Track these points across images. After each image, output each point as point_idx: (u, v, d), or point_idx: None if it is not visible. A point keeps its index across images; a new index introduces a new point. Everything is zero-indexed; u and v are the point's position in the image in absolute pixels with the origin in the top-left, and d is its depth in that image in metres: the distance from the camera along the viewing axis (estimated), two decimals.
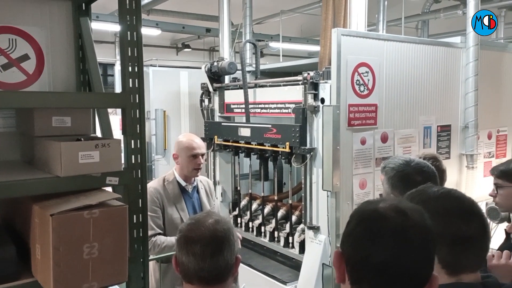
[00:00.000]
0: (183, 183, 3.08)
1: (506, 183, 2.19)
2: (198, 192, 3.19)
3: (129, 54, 1.60)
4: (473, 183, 3.93)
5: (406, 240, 0.96)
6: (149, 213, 2.80)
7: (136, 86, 1.62)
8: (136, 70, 1.62)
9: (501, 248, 2.14)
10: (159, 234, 2.92)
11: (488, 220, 3.35)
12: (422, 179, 1.95)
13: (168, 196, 2.98)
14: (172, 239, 2.80)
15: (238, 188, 4.70)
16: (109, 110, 2.22)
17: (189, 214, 3.03)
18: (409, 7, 6.55)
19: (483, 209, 3.46)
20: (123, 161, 1.64)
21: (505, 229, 2.28)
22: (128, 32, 1.60)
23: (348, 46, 3.27)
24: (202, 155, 3.05)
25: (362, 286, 0.99)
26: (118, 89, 5.45)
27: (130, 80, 1.61)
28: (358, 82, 3.34)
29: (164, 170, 5.59)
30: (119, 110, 4.52)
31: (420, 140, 3.80)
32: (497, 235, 2.90)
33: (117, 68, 7.05)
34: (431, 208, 1.24)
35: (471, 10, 3.88)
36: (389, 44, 3.53)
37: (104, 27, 7.16)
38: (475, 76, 3.93)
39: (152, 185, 3.00)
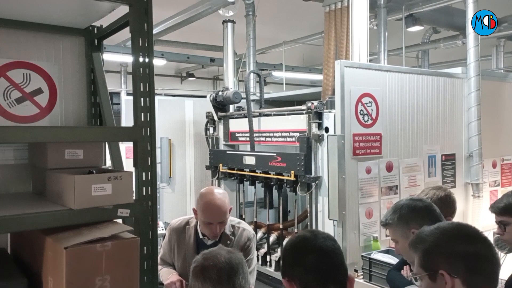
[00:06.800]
0: (200, 235, 2.53)
1: None
2: None
3: (141, 89, 1.65)
4: (480, 212, 3.91)
5: None
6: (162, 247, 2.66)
7: (148, 119, 1.66)
8: (147, 104, 1.66)
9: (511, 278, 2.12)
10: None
11: (496, 250, 3.32)
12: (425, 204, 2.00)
13: (182, 240, 2.55)
14: (163, 271, 2.55)
15: (243, 216, 4.68)
16: None
17: None
18: (409, 37, 6.68)
19: (491, 238, 3.43)
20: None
21: None
22: (141, 68, 1.65)
23: (351, 77, 3.34)
24: (221, 222, 2.43)
25: None
26: (123, 116, 5.51)
27: (142, 114, 1.65)
28: (362, 112, 3.39)
29: (169, 199, 5.61)
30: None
31: (425, 169, 3.82)
32: (505, 265, 2.87)
33: (123, 96, 7.16)
34: (442, 234, 1.38)
35: (471, 41, 3.97)
36: (391, 75, 3.60)
37: (111, 57, 7.32)
38: (477, 105, 3.98)
39: (174, 223, 2.64)
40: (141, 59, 1.65)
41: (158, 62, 8.08)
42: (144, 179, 1.64)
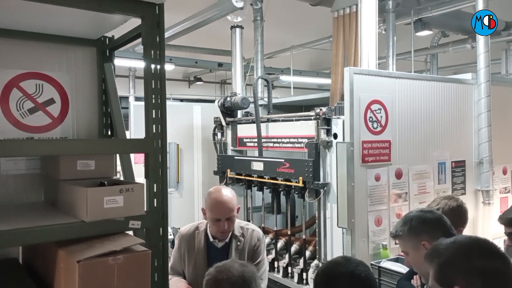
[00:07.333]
0: (211, 238, 2.57)
1: None
2: (228, 251, 2.56)
3: (153, 101, 1.66)
4: (490, 219, 3.87)
5: None
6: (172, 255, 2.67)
7: (159, 131, 1.67)
8: (159, 115, 1.67)
9: None
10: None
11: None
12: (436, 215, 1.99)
13: (192, 246, 2.56)
14: (173, 280, 2.53)
15: (251, 222, 4.68)
16: None
17: None
18: (418, 41, 6.65)
19: (501, 246, 3.40)
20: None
21: None
22: (153, 80, 1.66)
23: (360, 84, 3.32)
24: (228, 218, 2.46)
25: None
26: (132, 121, 5.54)
27: (154, 125, 1.66)
28: (371, 119, 3.38)
29: (177, 204, 5.62)
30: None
31: (435, 176, 3.79)
32: None
33: (132, 102, 7.20)
34: (459, 249, 1.37)
35: (481, 47, 3.93)
36: (400, 82, 3.58)
37: (119, 62, 7.37)
38: (488, 111, 3.94)
39: (183, 230, 2.66)
40: (153, 71, 1.66)
41: (166, 67, 8.08)
42: (155, 190, 1.65)
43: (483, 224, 3.91)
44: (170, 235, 5.27)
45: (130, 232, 1.66)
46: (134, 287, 1.44)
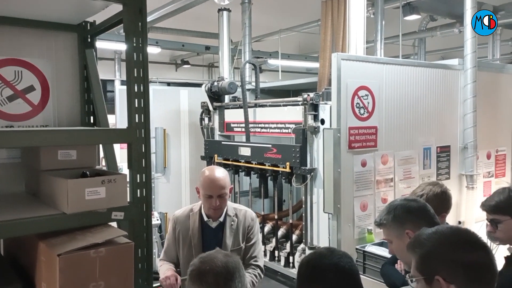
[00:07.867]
0: (205, 218, 2.61)
1: (504, 216, 2.14)
2: (223, 230, 2.60)
3: (136, 90, 1.62)
4: (473, 203, 3.93)
5: None
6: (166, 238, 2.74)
7: (142, 121, 1.64)
8: (142, 105, 1.64)
9: (501, 274, 2.13)
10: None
11: (489, 243, 3.35)
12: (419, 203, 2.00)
13: (187, 227, 2.60)
14: (163, 267, 2.59)
15: None
16: None
17: None
18: (406, 25, 6.62)
19: (484, 230, 3.46)
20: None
21: (504, 257, 2.25)
22: (135, 69, 1.62)
23: (348, 70, 3.31)
24: (220, 196, 2.51)
25: None
26: (117, 105, 5.47)
27: (136, 115, 1.62)
28: (358, 105, 3.37)
29: (164, 189, 5.60)
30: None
31: (420, 161, 3.82)
32: (497, 255, 2.90)
33: (117, 86, 7.09)
34: (440, 240, 1.38)
35: (468, 33, 3.93)
36: (388, 68, 3.57)
37: (104, 45, 7.21)
38: (473, 97, 3.97)
39: (177, 213, 2.70)
40: (135, 59, 1.62)
41: (152, 50, 7.97)
42: (138, 181, 1.63)
43: (466, 208, 3.98)
44: (158, 220, 5.28)
45: (114, 224, 1.65)
46: (117, 279, 1.43)
